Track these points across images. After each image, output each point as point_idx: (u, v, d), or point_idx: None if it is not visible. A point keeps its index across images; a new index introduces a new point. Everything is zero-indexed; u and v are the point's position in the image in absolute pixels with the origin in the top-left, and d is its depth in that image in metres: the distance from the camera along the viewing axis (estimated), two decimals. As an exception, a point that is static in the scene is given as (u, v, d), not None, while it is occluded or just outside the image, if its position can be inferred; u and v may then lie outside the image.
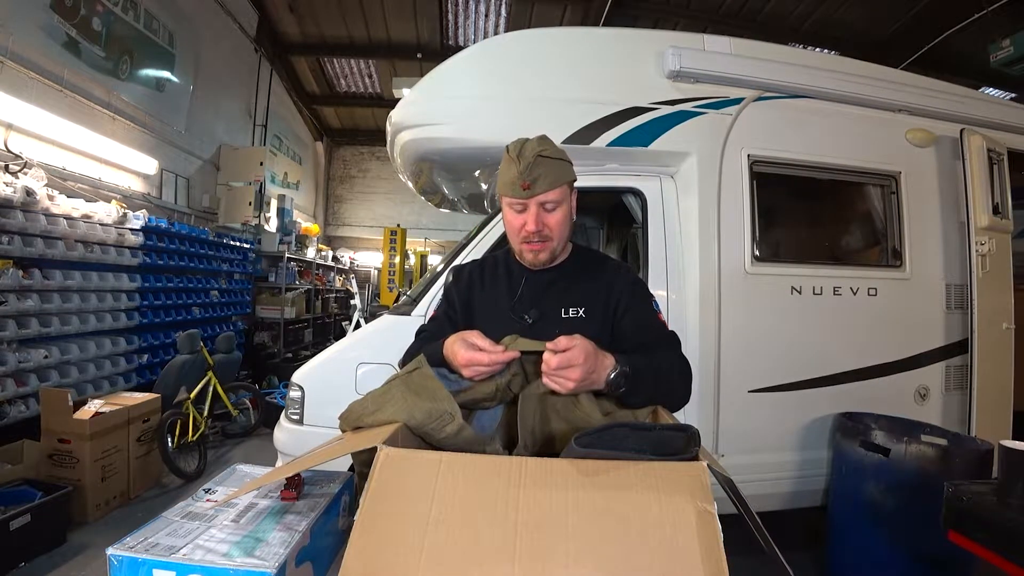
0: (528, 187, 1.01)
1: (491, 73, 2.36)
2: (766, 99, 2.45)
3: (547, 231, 1.06)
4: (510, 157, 1.03)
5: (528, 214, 1.04)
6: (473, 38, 7.69)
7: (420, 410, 0.81)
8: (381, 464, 0.53)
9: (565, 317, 1.07)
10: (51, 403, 2.82)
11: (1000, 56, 5.11)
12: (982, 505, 1.35)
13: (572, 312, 1.07)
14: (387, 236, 9.18)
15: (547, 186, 1.02)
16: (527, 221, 1.04)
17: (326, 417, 2.17)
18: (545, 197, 1.03)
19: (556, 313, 1.08)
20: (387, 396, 0.84)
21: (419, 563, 0.46)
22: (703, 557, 0.46)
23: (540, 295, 1.10)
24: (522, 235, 1.07)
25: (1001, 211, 2.56)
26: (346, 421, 0.87)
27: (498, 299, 1.12)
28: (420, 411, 0.81)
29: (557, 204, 1.05)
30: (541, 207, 1.04)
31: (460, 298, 1.18)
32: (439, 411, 0.81)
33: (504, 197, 1.07)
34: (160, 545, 0.64)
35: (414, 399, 0.83)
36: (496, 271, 1.19)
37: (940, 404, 2.53)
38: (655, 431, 0.65)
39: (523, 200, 1.03)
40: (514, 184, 1.02)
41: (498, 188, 1.09)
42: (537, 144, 1.04)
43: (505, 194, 1.06)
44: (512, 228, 1.09)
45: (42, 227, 3.27)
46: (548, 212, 1.05)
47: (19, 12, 3.57)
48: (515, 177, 1.01)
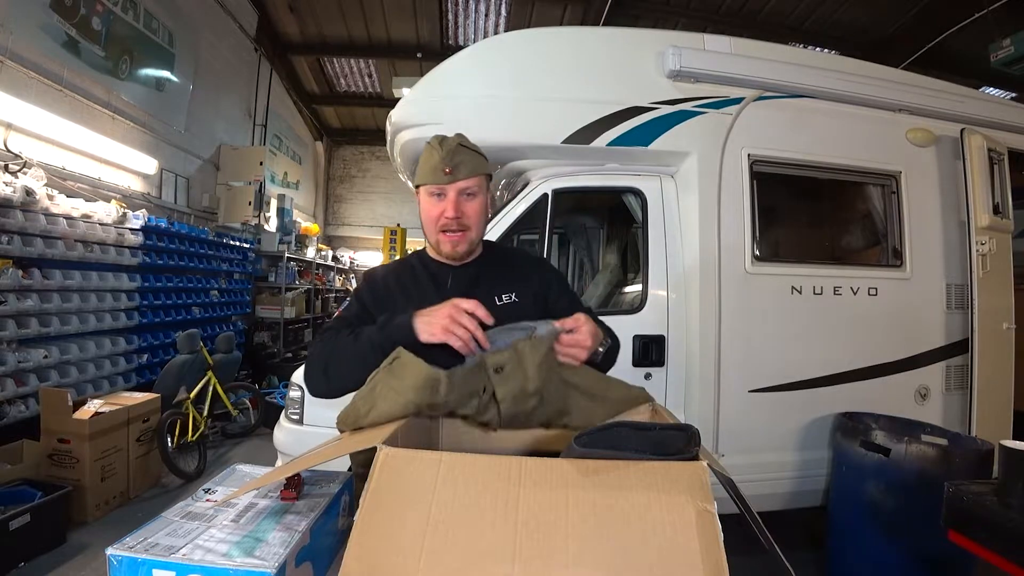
0: (450, 172, 1.05)
1: (491, 73, 2.36)
2: (766, 99, 2.45)
3: (466, 219, 1.08)
4: (431, 146, 1.08)
5: (447, 201, 1.07)
6: (473, 38, 7.69)
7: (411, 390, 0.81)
8: (381, 464, 0.53)
9: (500, 304, 1.10)
10: (51, 403, 2.82)
11: (1000, 56, 5.10)
12: (982, 505, 1.35)
13: (505, 298, 1.11)
14: (387, 236, 9.17)
15: (468, 172, 1.06)
16: (446, 208, 1.07)
17: (326, 417, 2.17)
18: (465, 184, 1.07)
19: (490, 301, 1.07)
20: (375, 393, 0.84)
21: (419, 563, 0.46)
22: (703, 557, 0.46)
23: (470, 287, 1.10)
24: (441, 223, 1.08)
25: (1001, 211, 2.56)
26: (344, 423, 0.86)
27: (425, 298, 1.04)
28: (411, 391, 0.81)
29: (475, 194, 1.09)
30: (460, 194, 1.07)
31: (377, 299, 1.13)
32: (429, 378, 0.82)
33: (423, 187, 1.10)
34: (160, 545, 0.64)
35: (399, 383, 0.82)
36: (415, 273, 1.17)
37: (940, 404, 2.53)
38: (655, 431, 0.65)
39: (443, 186, 1.06)
40: (436, 170, 1.06)
41: (417, 178, 1.11)
42: (457, 137, 1.10)
43: (425, 182, 1.09)
44: (430, 217, 1.10)
45: (42, 227, 3.27)
46: (467, 200, 1.08)
47: (19, 11, 3.57)
48: (437, 163, 1.05)
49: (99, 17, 4.30)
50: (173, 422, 3.44)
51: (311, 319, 8.03)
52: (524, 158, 2.44)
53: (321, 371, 1.04)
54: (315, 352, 1.07)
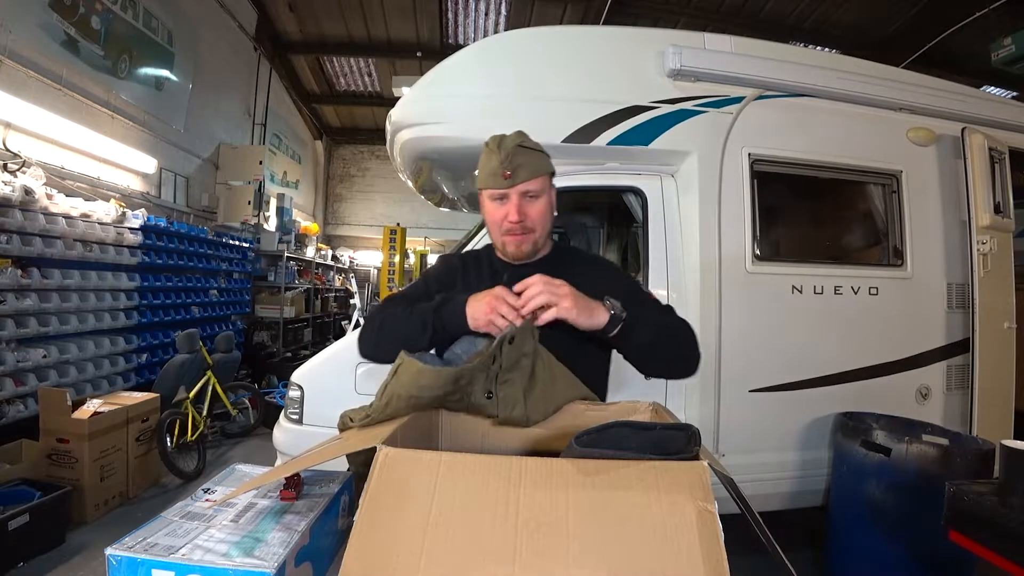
0: (509, 176, 1.02)
1: (491, 72, 2.36)
2: (767, 98, 2.44)
3: (529, 222, 1.06)
4: (490, 149, 1.05)
5: (510, 204, 1.05)
6: (473, 37, 7.69)
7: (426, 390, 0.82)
8: (380, 464, 0.53)
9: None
10: (50, 403, 2.82)
11: (1002, 54, 5.10)
12: (983, 505, 1.35)
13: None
14: (387, 235, 9.17)
15: (528, 175, 1.03)
16: (509, 211, 1.05)
17: (326, 417, 2.17)
18: (526, 186, 1.04)
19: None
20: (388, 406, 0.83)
21: (419, 564, 0.45)
22: (704, 557, 0.46)
23: None
24: (504, 226, 1.07)
25: (1003, 210, 2.56)
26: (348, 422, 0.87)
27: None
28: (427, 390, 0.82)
29: (538, 195, 1.07)
30: (522, 197, 1.05)
31: (441, 285, 1.15)
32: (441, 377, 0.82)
33: (485, 190, 1.08)
34: (159, 545, 0.64)
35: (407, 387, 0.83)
36: (479, 265, 1.18)
37: (941, 404, 2.53)
38: (656, 430, 0.65)
39: (504, 190, 1.04)
40: (495, 174, 1.03)
41: (479, 182, 1.09)
42: (516, 136, 1.06)
43: (486, 186, 1.07)
44: (493, 221, 1.09)
45: (41, 226, 3.27)
46: (529, 202, 1.06)
47: (18, 10, 3.56)
48: (496, 167, 1.03)
49: (98, 16, 4.30)
50: (172, 422, 3.44)
51: (311, 318, 8.02)
52: (524, 157, 2.43)
53: (374, 333, 1.07)
54: (373, 316, 1.11)
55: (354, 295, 5.60)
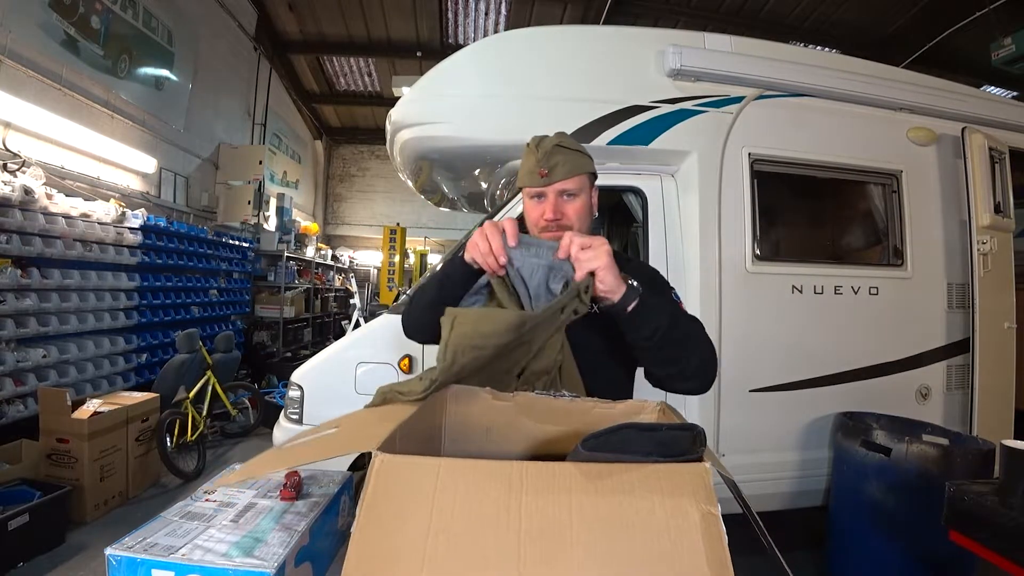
0: (546, 174, 1.03)
1: (491, 71, 2.35)
2: (767, 97, 2.44)
3: (566, 220, 1.05)
4: (529, 149, 1.07)
5: (547, 203, 1.06)
6: (473, 36, 7.69)
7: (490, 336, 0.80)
8: (376, 472, 0.51)
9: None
10: (49, 402, 2.82)
11: (1002, 54, 5.10)
12: (983, 505, 1.35)
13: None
14: (387, 235, 9.18)
15: (565, 174, 1.04)
16: (545, 209, 1.05)
17: (325, 417, 2.15)
18: (563, 185, 1.04)
19: None
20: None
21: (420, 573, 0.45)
22: (709, 560, 0.46)
23: None
24: (541, 225, 1.07)
25: (1003, 210, 2.56)
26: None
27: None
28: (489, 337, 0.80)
29: (575, 194, 1.06)
30: (559, 196, 1.05)
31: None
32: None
33: (524, 189, 1.09)
34: (159, 545, 0.64)
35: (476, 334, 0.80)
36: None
37: (941, 403, 2.53)
38: (661, 431, 0.65)
39: (541, 188, 1.05)
40: (532, 172, 1.04)
41: (519, 180, 1.10)
42: (556, 137, 1.07)
43: (525, 184, 1.08)
44: (531, 219, 1.10)
45: (40, 226, 3.27)
46: (567, 201, 1.06)
47: (18, 10, 3.56)
48: (533, 165, 1.04)
49: (98, 16, 4.29)
50: (172, 422, 3.44)
51: (310, 318, 8.02)
52: (524, 157, 2.43)
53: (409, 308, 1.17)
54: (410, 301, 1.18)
55: (354, 295, 5.60)
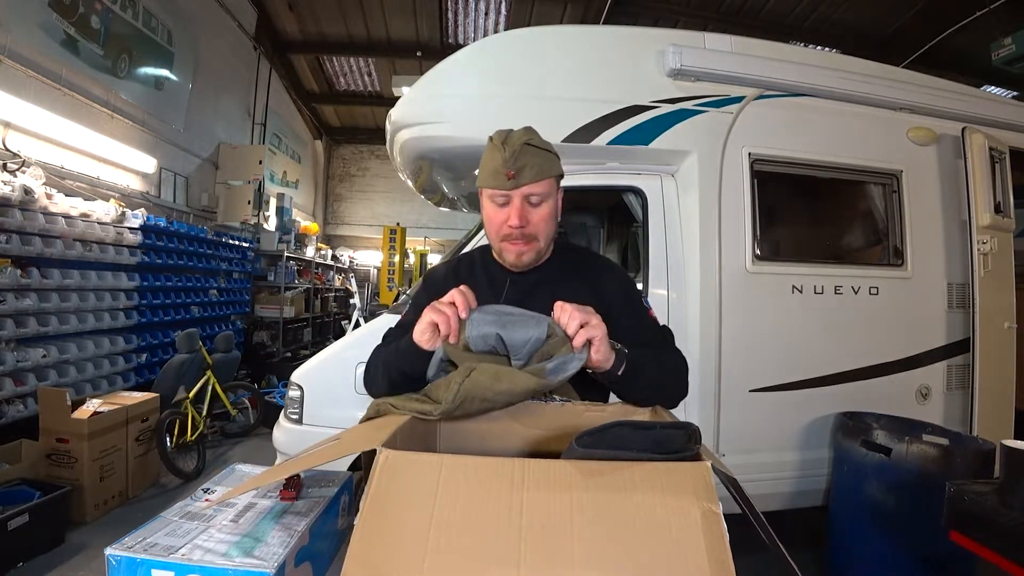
0: (513, 176, 0.94)
1: (491, 71, 2.35)
2: (767, 97, 2.44)
3: (531, 228, 0.98)
4: (494, 145, 0.96)
5: (511, 207, 0.96)
6: (473, 36, 7.69)
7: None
8: (381, 467, 0.52)
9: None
10: (49, 402, 2.81)
11: (1002, 54, 5.11)
12: (984, 505, 1.35)
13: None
14: (387, 235, 9.18)
15: (533, 176, 0.95)
16: (510, 215, 0.96)
17: (325, 416, 2.17)
18: (531, 189, 0.95)
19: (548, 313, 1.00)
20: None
21: (422, 568, 0.45)
22: (709, 558, 0.46)
23: (527, 298, 0.97)
24: (504, 231, 0.98)
25: (1003, 210, 2.56)
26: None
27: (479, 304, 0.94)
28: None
29: (543, 199, 0.98)
30: (526, 200, 0.96)
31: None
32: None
33: (485, 189, 0.99)
34: (159, 545, 0.64)
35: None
36: (473, 272, 1.10)
37: (941, 403, 2.53)
38: (656, 429, 0.65)
39: (507, 192, 0.95)
40: (498, 173, 0.95)
41: (479, 179, 1.00)
42: (524, 133, 0.97)
43: (487, 185, 0.98)
44: (493, 224, 1.00)
45: (40, 226, 3.26)
46: (533, 207, 0.97)
47: (17, 10, 3.56)
48: (499, 165, 0.94)
49: (98, 15, 4.29)
50: (172, 422, 3.44)
51: (310, 318, 8.02)
52: (524, 157, 2.43)
53: (371, 380, 1.00)
54: (370, 360, 1.02)
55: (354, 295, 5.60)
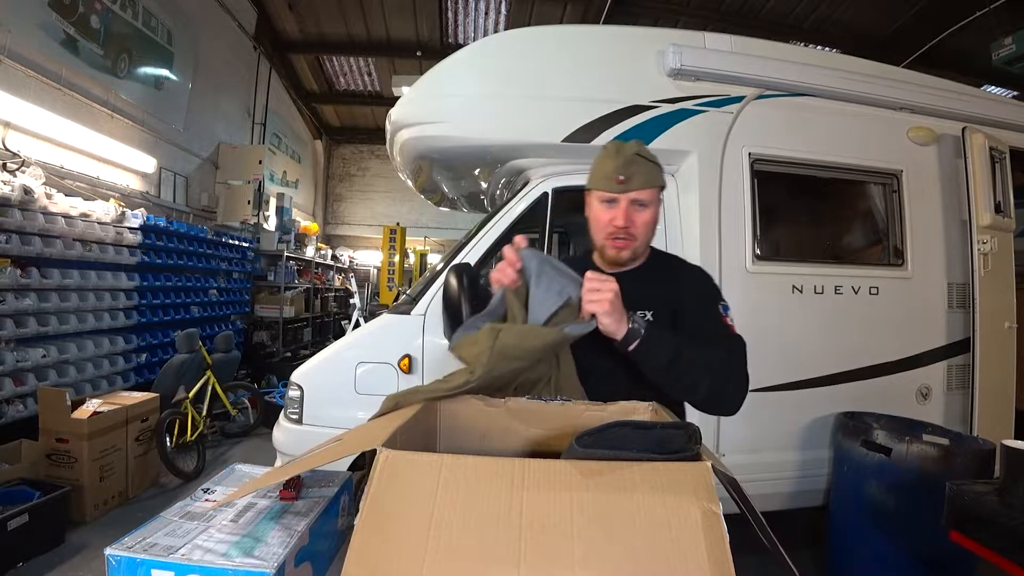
0: (623, 182, 1.04)
1: (491, 71, 2.35)
2: (767, 97, 2.44)
3: (634, 229, 1.08)
4: (607, 153, 1.08)
5: (618, 209, 1.07)
6: (473, 36, 7.69)
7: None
8: (381, 467, 0.52)
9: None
10: (49, 402, 2.82)
11: (1002, 54, 5.11)
12: (984, 505, 1.35)
13: (641, 315, 1.07)
14: (387, 235, 9.17)
15: (641, 184, 1.06)
16: (616, 216, 1.07)
17: (325, 416, 2.17)
18: (637, 195, 1.06)
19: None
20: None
21: (422, 568, 0.45)
22: (709, 558, 0.46)
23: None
24: (608, 230, 1.09)
25: (1003, 210, 2.56)
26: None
27: None
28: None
29: (647, 205, 1.09)
30: (631, 204, 1.07)
31: None
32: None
33: (595, 191, 1.10)
34: (158, 545, 0.64)
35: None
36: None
37: (942, 403, 2.53)
38: (656, 429, 0.64)
39: (615, 195, 1.06)
40: (609, 178, 1.06)
41: (589, 182, 1.12)
42: (635, 145, 1.09)
43: (597, 187, 1.09)
44: (599, 223, 1.11)
45: (40, 225, 3.26)
46: (637, 211, 1.08)
47: (17, 10, 3.56)
48: (611, 171, 1.05)
49: (97, 15, 4.29)
50: (172, 422, 3.44)
51: (310, 318, 8.02)
52: (524, 156, 2.43)
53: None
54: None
55: (354, 295, 5.61)
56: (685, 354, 0.98)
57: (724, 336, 1.09)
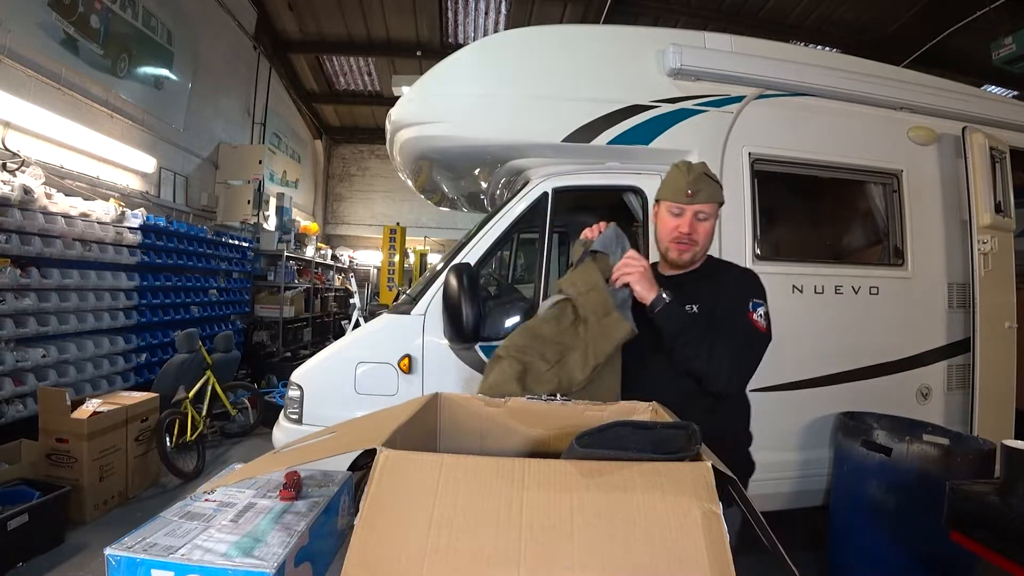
0: (692, 195, 1.26)
1: (491, 71, 2.35)
2: (767, 97, 2.44)
3: (696, 236, 1.29)
4: (679, 170, 1.29)
5: (684, 219, 1.28)
6: (473, 36, 7.68)
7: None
8: (381, 466, 0.52)
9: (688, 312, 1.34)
10: (49, 402, 2.81)
11: (1002, 54, 5.11)
12: (984, 505, 1.35)
13: (688, 308, 1.29)
14: (386, 234, 9.17)
15: (706, 198, 1.27)
16: (682, 224, 1.28)
17: (325, 416, 2.16)
18: (702, 207, 1.27)
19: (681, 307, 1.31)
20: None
21: (422, 568, 0.45)
22: (709, 558, 0.46)
23: (677, 291, 1.28)
24: (674, 235, 1.30)
25: (1003, 209, 2.55)
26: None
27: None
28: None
29: (707, 217, 1.29)
30: (695, 215, 1.28)
31: None
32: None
33: (664, 201, 1.33)
34: (158, 545, 0.63)
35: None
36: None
37: (942, 403, 2.52)
38: (656, 429, 0.64)
39: (683, 205, 1.27)
40: (680, 191, 1.27)
41: (660, 193, 1.34)
42: (701, 165, 1.30)
43: (667, 198, 1.31)
44: (666, 228, 1.33)
45: (40, 225, 3.26)
46: (699, 221, 1.29)
47: (17, 9, 3.55)
48: (682, 185, 1.26)
49: (97, 15, 4.29)
50: (172, 422, 3.44)
51: (310, 318, 8.02)
52: (524, 156, 2.43)
53: None
54: None
55: (354, 295, 5.60)
56: (692, 330, 1.19)
57: (741, 330, 1.24)
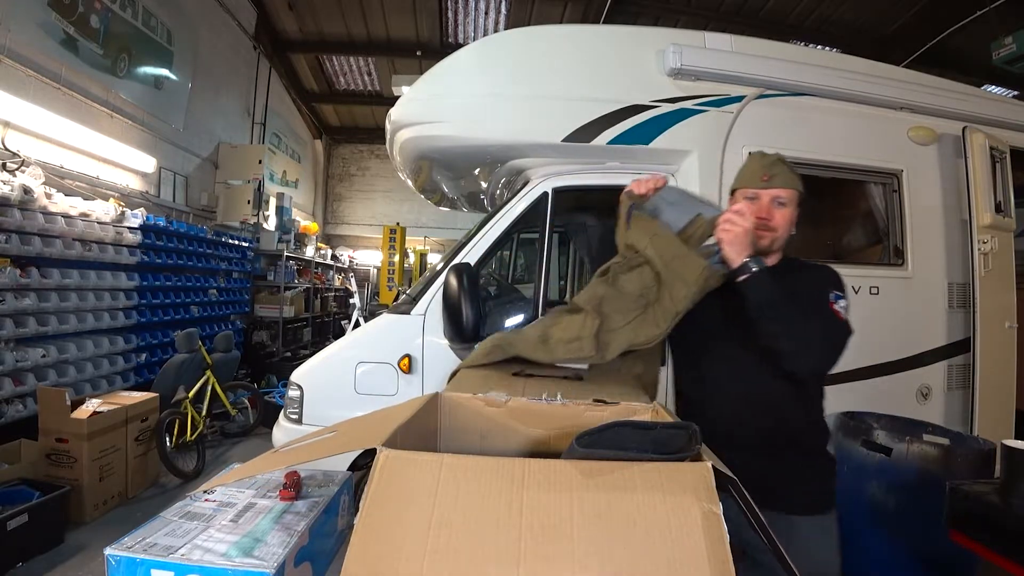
0: (767, 179, 1.22)
1: (491, 71, 2.35)
2: (767, 97, 2.44)
3: (772, 222, 1.23)
4: (754, 157, 1.28)
5: (760, 204, 1.23)
6: (473, 35, 7.69)
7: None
8: (381, 467, 0.52)
9: None
10: (49, 402, 2.81)
11: (1002, 53, 5.10)
12: (984, 505, 1.35)
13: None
14: (386, 234, 9.18)
15: (783, 183, 1.22)
16: (758, 209, 1.22)
17: (325, 416, 2.16)
18: (778, 192, 1.22)
19: None
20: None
21: (422, 568, 0.45)
22: (709, 559, 0.45)
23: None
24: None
25: (1004, 209, 2.55)
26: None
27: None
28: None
29: (785, 204, 1.24)
30: (772, 200, 1.23)
31: None
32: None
33: (740, 189, 1.28)
34: (158, 545, 0.64)
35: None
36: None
37: (942, 403, 2.52)
38: (656, 430, 0.64)
39: (759, 190, 1.23)
40: (755, 176, 1.24)
41: (736, 183, 1.31)
42: (776, 154, 1.28)
43: (743, 185, 1.27)
44: None
45: (40, 225, 3.26)
46: (777, 207, 1.23)
47: (17, 9, 3.55)
48: (758, 170, 1.23)
49: (97, 15, 4.29)
50: (171, 422, 3.44)
51: (310, 318, 8.02)
52: (524, 156, 2.43)
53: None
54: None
55: (354, 295, 5.61)
56: (781, 305, 1.11)
57: (826, 316, 1.20)
